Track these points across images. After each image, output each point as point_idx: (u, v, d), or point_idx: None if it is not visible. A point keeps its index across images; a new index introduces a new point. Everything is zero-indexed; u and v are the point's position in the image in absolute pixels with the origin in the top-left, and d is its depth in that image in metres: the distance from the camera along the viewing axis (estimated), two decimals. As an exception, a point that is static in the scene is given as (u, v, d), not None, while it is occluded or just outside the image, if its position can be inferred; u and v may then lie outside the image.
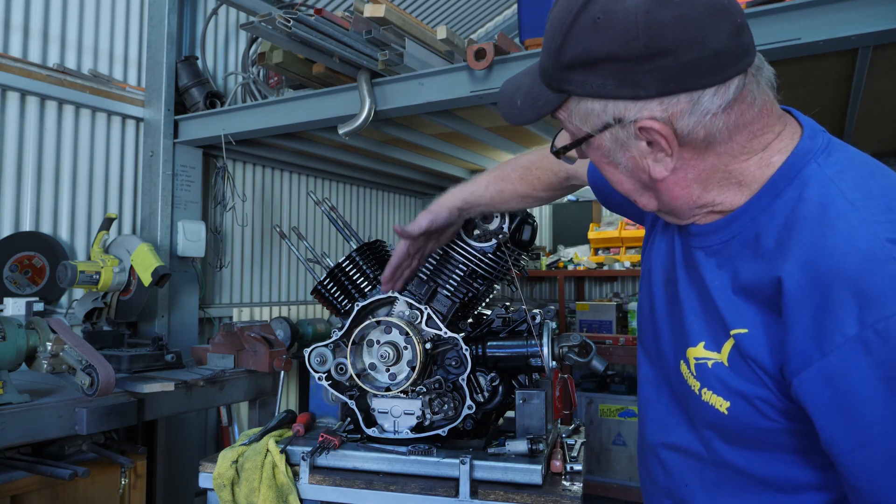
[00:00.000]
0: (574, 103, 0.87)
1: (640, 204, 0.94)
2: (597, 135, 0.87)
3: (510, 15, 5.82)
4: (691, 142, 0.83)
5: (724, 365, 0.87)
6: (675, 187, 0.88)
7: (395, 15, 2.55)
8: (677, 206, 0.90)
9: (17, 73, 2.80)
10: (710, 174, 0.86)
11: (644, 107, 0.81)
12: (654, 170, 0.86)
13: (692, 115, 0.80)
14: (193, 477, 1.91)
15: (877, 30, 1.81)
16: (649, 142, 0.83)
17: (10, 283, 2.79)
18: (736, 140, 0.84)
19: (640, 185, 0.91)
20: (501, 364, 1.70)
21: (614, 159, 0.89)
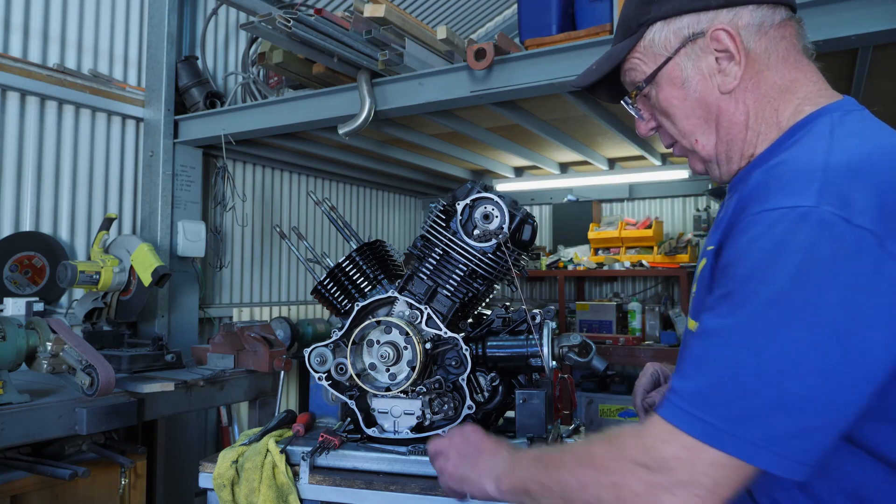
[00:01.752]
0: (650, 34, 0.99)
1: (699, 146, 1.00)
2: (673, 56, 0.97)
3: (510, 15, 5.81)
4: (753, 56, 0.94)
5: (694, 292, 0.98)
6: (736, 112, 0.95)
7: (395, 15, 2.55)
8: (734, 136, 0.96)
9: (17, 73, 2.80)
10: (765, 101, 0.94)
11: (715, 17, 0.94)
12: (723, 83, 0.95)
13: (752, 25, 0.93)
14: (193, 477, 1.90)
15: (877, 30, 1.81)
16: (717, 58, 0.94)
17: (10, 283, 2.79)
18: (786, 68, 0.94)
19: (704, 115, 0.98)
20: (501, 364, 1.70)
21: (685, 82, 0.97)
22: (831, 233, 0.72)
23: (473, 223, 1.70)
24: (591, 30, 2.54)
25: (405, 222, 5.75)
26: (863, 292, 0.71)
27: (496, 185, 5.08)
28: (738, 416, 0.73)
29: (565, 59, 2.32)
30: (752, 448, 0.73)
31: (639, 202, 5.47)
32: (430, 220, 1.73)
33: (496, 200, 1.67)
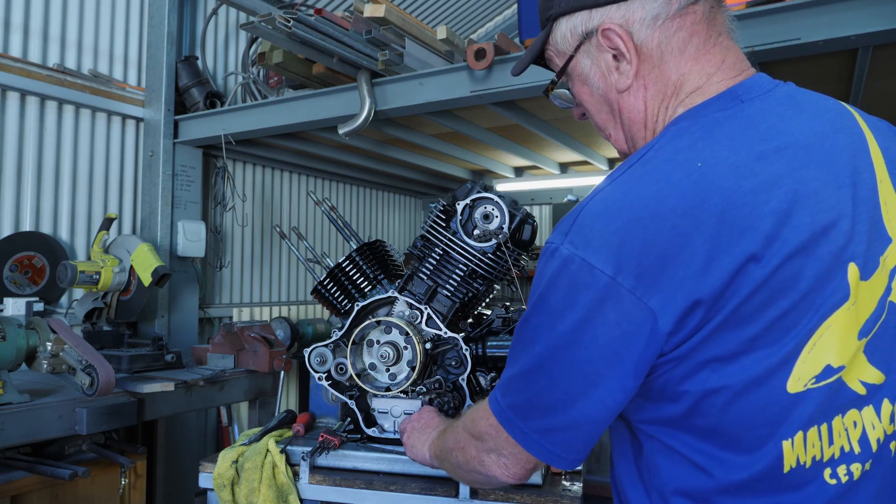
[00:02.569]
0: (556, 28, 1.00)
1: (612, 139, 1.03)
2: (575, 54, 0.98)
3: (510, 15, 5.81)
4: (647, 52, 0.92)
5: None
6: (634, 109, 0.96)
7: (395, 15, 2.55)
8: (635, 134, 0.98)
9: (17, 73, 2.80)
10: (659, 98, 0.94)
11: (605, 13, 0.93)
12: (619, 82, 0.95)
13: (645, 20, 0.91)
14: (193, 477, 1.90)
15: (877, 30, 1.81)
16: (614, 55, 0.94)
17: (10, 283, 2.79)
18: (682, 60, 0.91)
19: (610, 112, 1.00)
20: (501, 364, 1.70)
21: (588, 80, 0.99)
22: (567, 269, 0.82)
23: (473, 223, 1.70)
24: (591, 30, 2.54)
25: (405, 222, 5.75)
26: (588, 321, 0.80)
27: (496, 185, 5.08)
28: (515, 407, 0.91)
29: (565, 59, 2.31)
30: (522, 435, 0.91)
31: (639, 202, 5.46)
32: (430, 220, 1.73)
33: (496, 200, 1.67)
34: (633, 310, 0.78)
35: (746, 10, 1.99)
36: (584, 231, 0.82)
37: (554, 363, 0.85)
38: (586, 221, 0.83)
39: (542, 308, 0.85)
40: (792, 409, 0.79)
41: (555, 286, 0.83)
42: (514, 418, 0.91)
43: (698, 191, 0.77)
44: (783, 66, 2.25)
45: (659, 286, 0.76)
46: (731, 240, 0.75)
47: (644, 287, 0.77)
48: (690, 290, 0.76)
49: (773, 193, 0.77)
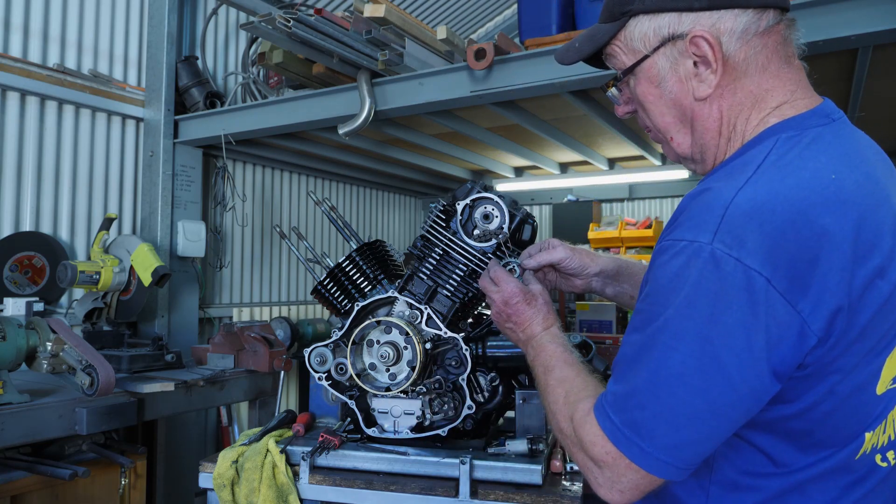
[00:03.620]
0: (632, 25, 0.97)
1: (674, 143, 1.00)
2: (651, 54, 0.95)
3: (510, 15, 5.81)
4: (732, 64, 0.91)
5: None
6: (709, 117, 0.95)
7: (395, 15, 2.55)
8: (707, 140, 0.96)
9: (17, 73, 2.80)
10: (738, 109, 0.93)
11: (696, 19, 0.91)
12: (698, 90, 0.94)
13: (735, 32, 0.90)
14: (193, 477, 1.90)
15: (877, 30, 1.81)
16: (695, 62, 0.93)
17: (10, 283, 2.79)
18: (764, 77, 0.92)
19: (679, 116, 0.98)
20: (501, 364, 1.70)
21: (662, 82, 0.96)
22: (719, 270, 0.78)
23: (473, 223, 1.70)
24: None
25: (405, 222, 5.75)
26: (742, 325, 0.77)
27: (496, 185, 5.08)
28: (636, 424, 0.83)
29: (565, 59, 2.31)
30: (644, 457, 0.83)
31: (639, 202, 5.47)
32: (430, 220, 1.73)
33: (496, 200, 1.67)
34: (784, 314, 0.77)
35: (746, 10, 1.98)
36: (737, 231, 0.78)
37: (698, 370, 0.79)
38: (737, 220, 0.79)
39: (686, 312, 0.79)
40: (876, 407, 0.85)
41: (703, 288, 0.78)
42: (634, 438, 0.83)
43: (838, 202, 0.79)
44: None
45: (810, 290, 0.77)
46: (865, 253, 0.79)
47: (796, 291, 0.76)
48: (837, 295, 0.77)
49: (887, 212, 0.83)
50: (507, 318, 1.28)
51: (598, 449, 0.87)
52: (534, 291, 1.29)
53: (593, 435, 0.88)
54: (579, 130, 3.67)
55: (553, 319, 1.24)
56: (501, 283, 1.30)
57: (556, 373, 1.07)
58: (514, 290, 1.27)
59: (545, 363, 1.11)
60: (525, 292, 1.27)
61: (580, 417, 0.91)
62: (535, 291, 1.29)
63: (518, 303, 1.26)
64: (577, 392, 0.98)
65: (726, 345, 0.78)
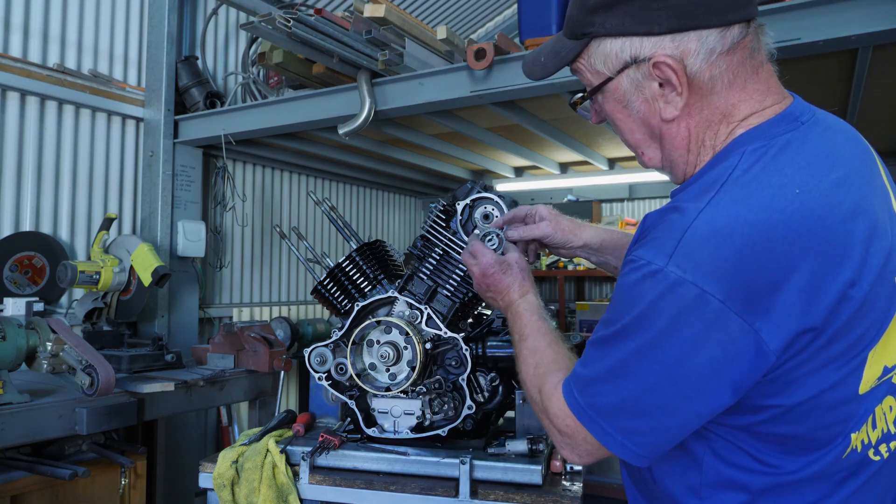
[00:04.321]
0: (595, 46, 0.96)
1: (646, 157, 1.03)
2: (615, 77, 0.95)
3: (510, 15, 5.81)
4: (697, 84, 0.91)
5: None
6: (677, 136, 0.96)
7: (395, 15, 2.55)
8: (676, 158, 0.98)
9: (17, 73, 2.80)
10: (706, 125, 0.94)
11: (658, 43, 0.90)
12: (665, 111, 0.94)
13: (699, 53, 0.89)
14: (193, 477, 1.91)
15: (877, 30, 1.81)
16: (661, 83, 0.92)
17: (10, 283, 2.79)
18: (731, 93, 0.92)
19: (648, 133, 0.99)
20: (501, 364, 1.70)
21: (628, 103, 0.97)
22: (673, 292, 0.81)
23: (473, 223, 1.70)
24: (591, 30, 2.54)
25: (405, 222, 5.75)
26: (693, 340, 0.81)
27: (496, 185, 5.08)
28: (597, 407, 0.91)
29: (565, 59, 2.31)
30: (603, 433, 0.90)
31: (639, 202, 5.46)
32: (430, 220, 1.73)
33: (496, 200, 1.67)
34: (739, 333, 0.79)
35: (746, 10, 1.98)
36: (693, 254, 0.81)
37: (650, 376, 0.85)
38: (694, 244, 0.81)
39: (641, 326, 0.85)
40: (860, 406, 0.87)
41: (659, 308, 0.83)
42: (595, 417, 0.91)
43: (802, 219, 0.80)
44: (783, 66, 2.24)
45: (769, 312, 0.78)
46: (834, 268, 0.80)
47: (754, 312, 0.79)
48: (801, 317, 0.79)
49: (857, 222, 0.83)
50: (486, 288, 1.33)
51: (560, 420, 0.96)
52: (509, 260, 1.33)
53: (558, 409, 0.97)
54: (579, 130, 3.67)
55: (529, 286, 1.30)
56: (479, 256, 1.35)
57: (529, 342, 1.15)
58: (489, 261, 1.33)
59: (520, 331, 1.19)
60: (500, 262, 1.33)
61: (548, 390, 1.00)
62: (511, 260, 1.34)
63: (495, 273, 1.31)
64: (546, 364, 1.07)
65: (679, 360, 0.82)
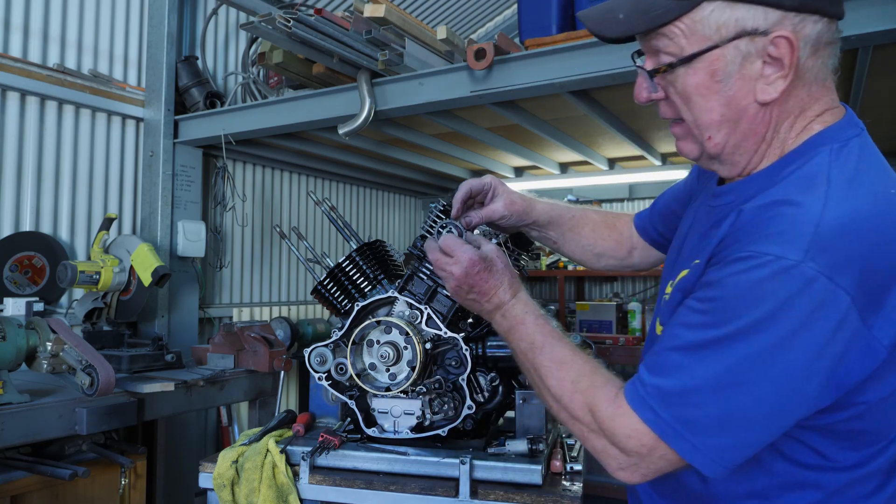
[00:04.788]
0: (706, 10, 0.87)
1: (711, 143, 0.94)
2: (722, 46, 0.87)
3: (510, 15, 5.81)
4: (800, 70, 0.88)
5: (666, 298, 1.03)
6: (762, 122, 0.91)
7: (395, 15, 2.55)
8: (748, 146, 0.93)
9: (17, 73, 2.80)
10: (785, 116, 0.91)
11: (783, 18, 0.85)
12: (762, 93, 0.88)
13: (811, 39, 0.86)
14: (193, 477, 1.90)
15: (877, 30, 1.81)
16: (766, 61, 0.87)
17: (10, 283, 2.79)
18: (815, 87, 0.91)
19: (728, 115, 0.91)
20: (501, 364, 1.70)
21: (725, 78, 0.89)
22: (810, 288, 0.78)
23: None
24: (591, 30, 2.54)
25: (405, 222, 5.75)
26: (823, 342, 0.78)
27: (496, 185, 5.07)
28: (690, 423, 0.84)
29: (565, 59, 2.32)
30: (694, 451, 0.84)
31: (639, 202, 5.46)
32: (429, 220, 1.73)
33: (496, 200, 1.66)
34: (858, 331, 0.79)
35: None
36: (829, 249, 0.78)
37: (767, 382, 0.80)
38: (828, 239, 0.79)
39: (768, 327, 0.79)
40: None
41: (793, 306, 0.78)
42: (684, 433, 0.84)
43: None
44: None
45: (881, 309, 0.79)
46: None
47: (869, 309, 0.79)
48: None
49: None
50: (468, 290, 1.16)
51: (634, 441, 0.88)
52: (490, 255, 1.17)
53: (630, 429, 0.88)
54: (579, 130, 3.67)
55: (518, 283, 1.17)
56: (457, 253, 1.17)
57: (548, 352, 1.03)
58: (473, 259, 1.15)
59: (528, 338, 1.07)
60: (484, 258, 1.16)
61: (608, 408, 0.91)
62: (492, 255, 1.17)
63: (479, 271, 1.14)
64: (588, 377, 0.97)
65: (801, 359, 0.79)
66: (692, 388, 0.84)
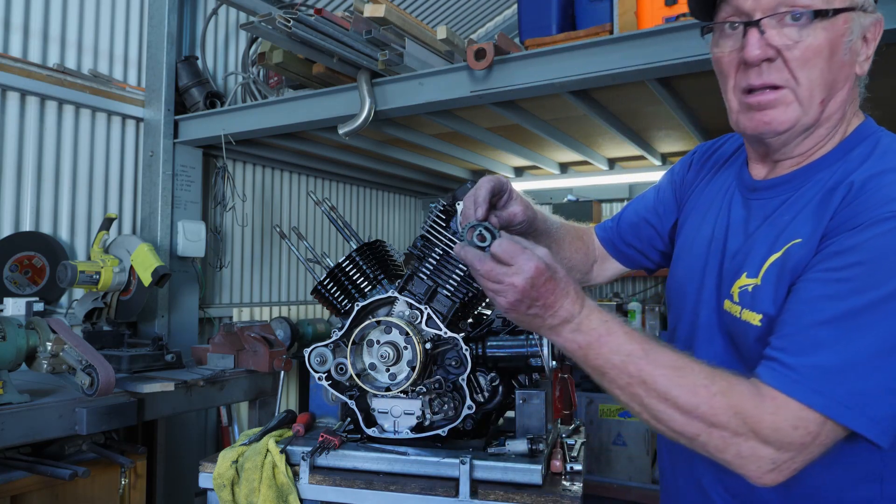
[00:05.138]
0: None
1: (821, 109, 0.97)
2: (853, 10, 0.93)
3: (510, 15, 5.81)
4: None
5: (759, 284, 0.98)
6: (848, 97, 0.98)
7: (395, 15, 2.55)
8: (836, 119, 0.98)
9: (17, 73, 2.80)
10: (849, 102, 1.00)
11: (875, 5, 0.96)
12: (861, 66, 0.98)
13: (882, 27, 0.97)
14: (193, 477, 1.90)
15: (877, 30, 1.80)
16: (864, 39, 0.96)
17: (10, 283, 2.79)
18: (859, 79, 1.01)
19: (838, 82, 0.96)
20: (501, 364, 1.70)
21: (845, 43, 0.94)
22: None
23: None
24: (591, 30, 2.54)
25: (405, 222, 5.75)
26: None
27: (496, 185, 5.07)
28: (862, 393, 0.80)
29: (565, 59, 2.32)
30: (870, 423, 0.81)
31: (639, 202, 5.46)
32: (429, 220, 1.73)
33: (496, 200, 1.66)
34: None
35: (746, 10, 1.98)
36: None
37: None
38: None
39: None
40: None
41: None
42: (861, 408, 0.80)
43: None
44: (783, 66, 2.25)
45: None
46: None
47: None
48: None
49: None
50: (530, 304, 0.95)
51: (800, 431, 0.82)
52: (551, 261, 0.96)
53: (795, 418, 0.82)
54: (579, 130, 3.67)
55: (582, 291, 1.00)
56: (519, 260, 0.94)
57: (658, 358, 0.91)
58: (539, 266, 0.93)
59: (625, 349, 0.92)
60: (548, 266, 0.95)
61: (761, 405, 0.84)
62: (551, 260, 0.97)
63: (546, 280, 0.94)
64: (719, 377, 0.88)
65: None
66: (856, 358, 0.81)
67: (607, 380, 0.95)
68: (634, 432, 4.52)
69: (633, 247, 1.41)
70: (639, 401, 0.92)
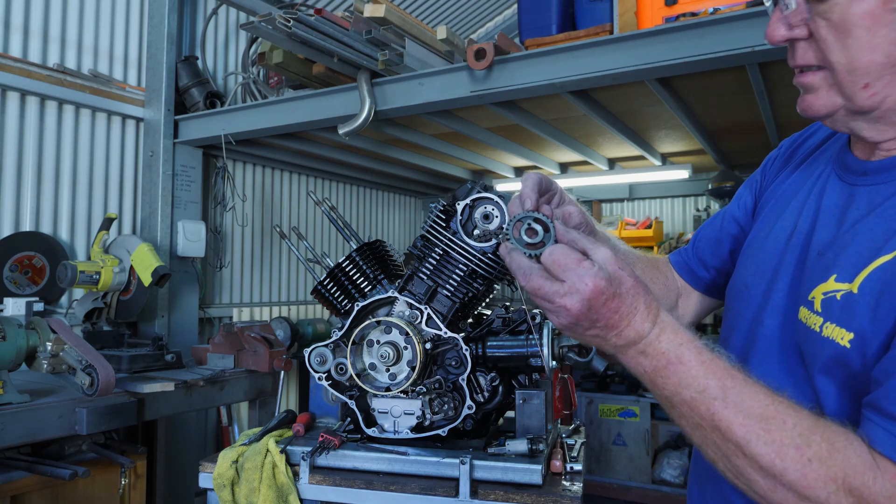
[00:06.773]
0: None
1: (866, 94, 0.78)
2: None
3: (510, 15, 5.82)
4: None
5: (854, 293, 0.77)
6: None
7: (395, 15, 2.55)
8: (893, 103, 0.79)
9: (17, 73, 2.80)
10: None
11: None
12: None
13: None
14: (193, 477, 1.91)
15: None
16: None
17: (10, 283, 2.79)
18: None
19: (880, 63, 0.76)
20: (501, 364, 1.70)
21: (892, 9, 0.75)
22: None
23: (473, 223, 1.70)
24: (591, 30, 2.54)
25: (405, 222, 5.75)
26: None
27: (496, 185, 5.08)
28: None
29: (565, 59, 2.32)
30: None
31: (639, 202, 5.47)
32: (430, 220, 1.73)
33: (496, 200, 1.66)
34: None
35: (746, 10, 1.99)
36: None
37: None
38: None
39: None
40: None
41: None
42: None
43: None
44: (783, 67, 2.25)
45: None
46: None
47: None
48: None
49: None
50: (589, 326, 0.79)
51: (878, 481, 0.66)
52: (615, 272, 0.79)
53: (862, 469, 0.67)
54: (579, 130, 3.67)
55: (656, 302, 0.81)
56: (572, 277, 0.77)
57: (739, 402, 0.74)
58: (599, 286, 0.76)
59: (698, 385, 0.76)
60: (610, 279, 0.77)
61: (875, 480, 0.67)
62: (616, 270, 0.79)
63: (607, 300, 0.77)
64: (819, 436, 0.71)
65: None
66: None
67: (676, 414, 0.79)
68: (634, 432, 4.52)
69: (706, 265, 1.18)
70: (714, 448, 0.76)
